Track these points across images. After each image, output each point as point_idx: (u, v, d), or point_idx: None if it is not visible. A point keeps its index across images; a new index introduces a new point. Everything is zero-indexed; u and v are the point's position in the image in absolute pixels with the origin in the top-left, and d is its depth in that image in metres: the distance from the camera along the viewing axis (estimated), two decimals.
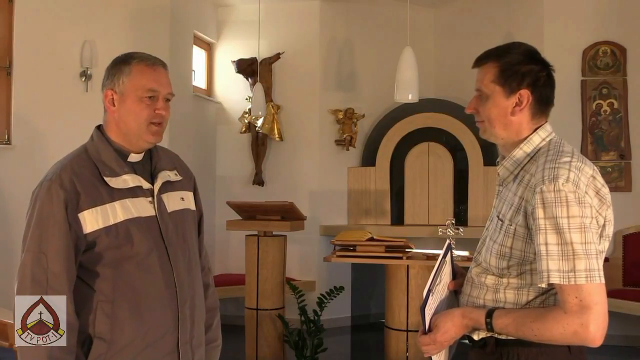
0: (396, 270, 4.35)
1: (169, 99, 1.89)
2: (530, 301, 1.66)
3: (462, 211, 6.38)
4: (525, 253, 1.65)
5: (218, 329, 2.14)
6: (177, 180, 1.97)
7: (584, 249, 1.53)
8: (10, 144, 4.90)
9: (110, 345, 1.76)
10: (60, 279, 1.72)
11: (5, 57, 4.95)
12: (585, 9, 5.90)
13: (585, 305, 1.52)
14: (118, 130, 1.87)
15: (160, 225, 1.85)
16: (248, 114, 6.56)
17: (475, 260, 1.81)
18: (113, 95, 1.86)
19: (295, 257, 6.21)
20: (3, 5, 4.98)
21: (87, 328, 1.76)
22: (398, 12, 6.30)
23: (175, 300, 1.84)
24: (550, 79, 1.74)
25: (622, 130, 5.81)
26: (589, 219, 1.57)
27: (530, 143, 1.72)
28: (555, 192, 1.55)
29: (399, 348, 4.34)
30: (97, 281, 1.78)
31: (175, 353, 1.84)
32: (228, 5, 6.78)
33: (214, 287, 2.15)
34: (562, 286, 1.54)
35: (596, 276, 1.53)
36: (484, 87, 1.74)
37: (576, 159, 1.62)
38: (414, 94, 4.86)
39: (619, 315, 5.08)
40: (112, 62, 1.90)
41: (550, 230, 1.55)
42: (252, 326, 4.77)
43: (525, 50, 1.75)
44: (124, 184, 1.82)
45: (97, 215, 1.76)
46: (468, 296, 1.78)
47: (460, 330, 1.70)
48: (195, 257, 1.98)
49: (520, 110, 1.71)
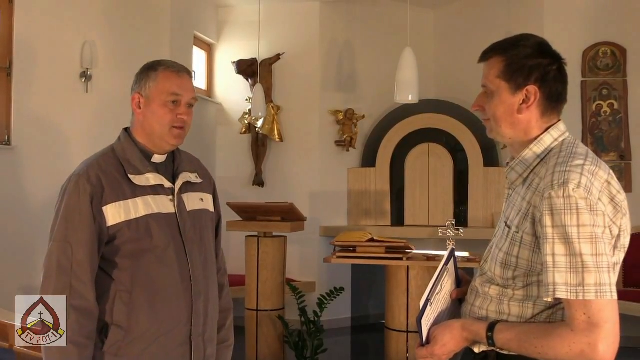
0: (396, 271, 4.35)
1: (192, 105, 2.01)
2: (536, 315, 1.54)
3: (462, 212, 6.38)
4: (532, 263, 1.53)
5: (231, 329, 2.22)
6: (198, 182, 2.08)
7: (594, 261, 1.40)
8: (10, 145, 4.89)
9: (127, 333, 1.85)
10: (84, 268, 1.82)
11: (6, 58, 4.95)
12: (585, 10, 5.90)
13: (594, 323, 1.40)
14: (143, 132, 1.98)
15: (179, 222, 1.94)
16: (248, 115, 6.56)
17: (481, 269, 1.70)
18: (140, 98, 1.97)
19: (296, 258, 6.21)
20: (3, 6, 4.98)
21: (105, 316, 1.86)
22: (398, 13, 6.29)
23: (190, 293, 1.92)
24: (561, 74, 1.60)
25: (622, 131, 5.81)
26: (602, 229, 1.44)
27: (541, 143, 1.59)
28: (565, 198, 1.42)
29: (399, 349, 4.34)
30: (116, 271, 1.87)
31: (187, 344, 1.92)
32: (228, 6, 6.78)
33: (228, 289, 2.23)
34: (570, 301, 1.42)
35: (607, 291, 1.41)
36: (489, 82, 1.62)
37: (590, 162, 1.50)
38: (414, 94, 4.87)
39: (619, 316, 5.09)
40: (142, 68, 2.01)
41: (558, 239, 1.42)
42: (252, 327, 4.77)
43: (534, 43, 1.61)
44: (146, 181, 1.92)
45: (119, 209, 1.86)
46: (471, 306, 1.66)
47: (460, 343, 1.59)
48: (211, 256, 2.07)
49: (527, 107, 1.58)
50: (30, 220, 4.75)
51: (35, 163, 4.93)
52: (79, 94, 5.23)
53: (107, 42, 5.33)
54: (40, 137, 5.02)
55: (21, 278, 4.42)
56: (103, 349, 1.85)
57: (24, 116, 4.96)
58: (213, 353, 2.05)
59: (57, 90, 5.13)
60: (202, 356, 1.97)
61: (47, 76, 5.09)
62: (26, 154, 4.93)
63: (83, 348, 1.79)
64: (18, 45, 4.97)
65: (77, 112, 5.17)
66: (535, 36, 1.64)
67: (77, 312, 1.79)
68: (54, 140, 5.05)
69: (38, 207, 4.74)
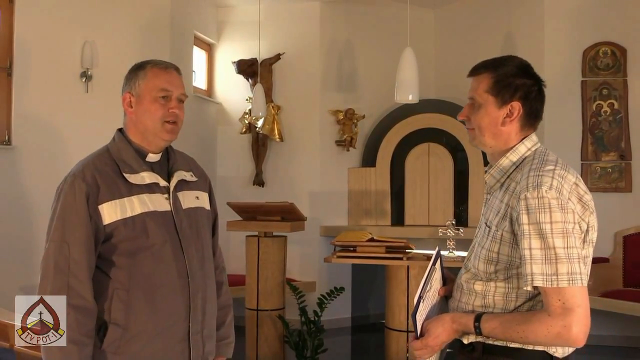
0: (396, 271, 4.35)
1: (182, 100, 2.04)
2: (518, 307, 1.71)
3: (462, 212, 6.38)
4: (511, 258, 1.70)
5: (231, 326, 2.23)
6: (193, 180, 2.09)
7: (566, 253, 1.57)
8: (11, 145, 4.90)
9: (125, 331, 1.86)
10: (81, 267, 1.83)
11: (6, 58, 4.96)
12: (585, 10, 5.90)
13: (568, 308, 1.56)
14: (136, 130, 2.00)
15: (175, 219, 1.96)
16: (248, 115, 6.56)
17: (465, 267, 1.86)
18: (130, 98, 1.99)
19: (296, 258, 6.21)
20: (3, 6, 4.98)
21: (104, 314, 1.87)
22: (398, 13, 6.29)
23: (187, 290, 1.94)
24: (540, 94, 1.80)
25: (623, 131, 5.81)
26: (572, 225, 1.61)
27: (516, 152, 1.78)
28: (539, 198, 1.60)
29: (399, 348, 4.34)
30: (114, 270, 1.88)
31: (186, 341, 1.93)
32: (228, 6, 6.78)
33: (227, 286, 2.24)
34: (546, 289, 1.58)
35: (578, 279, 1.57)
36: (477, 96, 1.80)
37: (559, 167, 1.67)
38: (414, 94, 4.86)
39: (619, 316, 5.09)
40: (130, 69, 2.04)
41: (534, 235, 1.59)
42: (253, 327, 4.77)
43: (519, 64, 1.80)
44: (141, 180, 1.94)
45: (115, 208, 1.87)
46: (458, 302, 1.82)
47: (450, 334, 1.74)
48: (208, 253, 2.08)
49: (510, 121, 1.77)
50: (30, 219, 4.76)
51: (35, 163, 4.93)
52: (79, 94, 5.23)
53: (107, 42, 5.33)
54: (40, 137, 5.02)
55: (21, 278, 4.42)
56: (102, 348, 1.85)
57: (24, 116, 4.97)
58: (212, 350, 2.06)
59: (57, 90, 5.14)
60: (200, 353, 1.98)
61: (47, 76, 5.09)
62: (26, 153, 4.94)
63: (82, 346, 1.80)
64: (18, 45, 4.98)
65: (77, 112, 5.18)
66: (520, 58, 1.83)
67: (76, 310, 1.80)
68: (54, 140, 5.06)
69: (38, 207, 4.74)
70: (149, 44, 5.47)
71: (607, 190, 5.76)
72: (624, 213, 5.63)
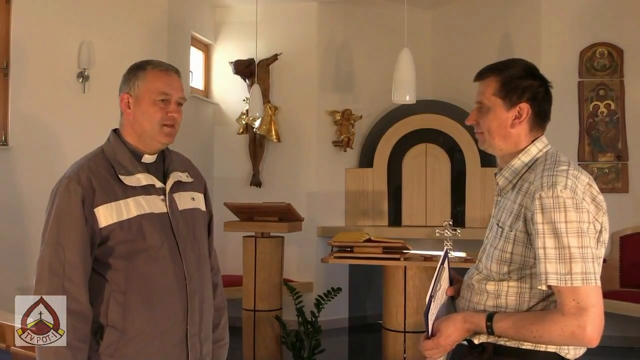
0: (394, 272, 4.35)
1: (181, 103, 2.01)
2: (532, 307, 1.69)
3: (459, 212, 6.38)
4: (525, 258, 1.69)
5: (225, 328, 2.22)
6: (189, 181, 2.07)
7: (580, 252, 1.57)
8: (8, 145, 4.88)
9: (123, 333, 1.84)
10: (77, 270, 1.81)
11: (3, 58, 4.94)
12: (582, 11, 5.91)
13: (582, 307, 1.56)
14: (133, 132, 1.97)
15: (171, 221, 1.94)
16: (245, 115, 6.55)
17: (476, 268, 1.85)
18: (129, 98, 1.97)
19: (293, 258, 6.21)
20: (0, 6, 4.97)
21: (100, 317, 1.85)
22: (395, 13, 6.30)
23: (185, 292, 1.92)
24: (548, 95, 1.81)
25: (619, 132, 5.82)
26: (586, 224, 1.61)
27: (528, 153, 1.79)
28: (554, 198, 1.60)
29: (396, 349, 4.34)
30: (110, 273, 1.87)
31: (183, 344, 1.92)
32: (226, 7, 6.78)
33: (222, 288, 2.23)
34: (560, 288, 1.58)
35: (592, 279, 1.57)
36: (485, 99, 1.80)
37: (573, 168, 1.69)
38: (411, 95, 4.87)
39: (616, 316, 5.09)
40: (129, 68, 2.01)
41: (548, 234, 1.59)
42: (250, 327, 4.77)
43: (525, 66, 1.81)
44: (137, 182, 1.92)
45: (111, 211, 1.85)
46: (469, 302, 1.81)
47: (462, 334, 1.74)
48: (204, 255, 2.07)
49: (519, 122, 1.78)
50: (27, 220, 4.75)
51: (31, 163, 4.92)
52: (76, 94, 5.22)
53: (104, 42, 5.32)
54: (37, 138, 5.01)
55: (17, 279, 4.41)
56: (99, 351, 1.84)
57: (20, 116, 4.95)
58: (209, 352, 2.05)
59: (54, 91, 5.13)
60: (198, 355, 1.97)
61: (44, 76, 5.08)
62: (23, 154, 4.93)
63: (77, 351, 1.78)
64: (15, 46, 4.97)
65: (74, 113, 5.17)
66: (525, 60, 1.84)
67: (71, 315, 1.78)
68: (50, 141, 5.04)
69: (35, 208, 4.72)
70: (146, 44, 5.46)
71: (603, 190, 5.65)
72: (620, 214, 5.64)
